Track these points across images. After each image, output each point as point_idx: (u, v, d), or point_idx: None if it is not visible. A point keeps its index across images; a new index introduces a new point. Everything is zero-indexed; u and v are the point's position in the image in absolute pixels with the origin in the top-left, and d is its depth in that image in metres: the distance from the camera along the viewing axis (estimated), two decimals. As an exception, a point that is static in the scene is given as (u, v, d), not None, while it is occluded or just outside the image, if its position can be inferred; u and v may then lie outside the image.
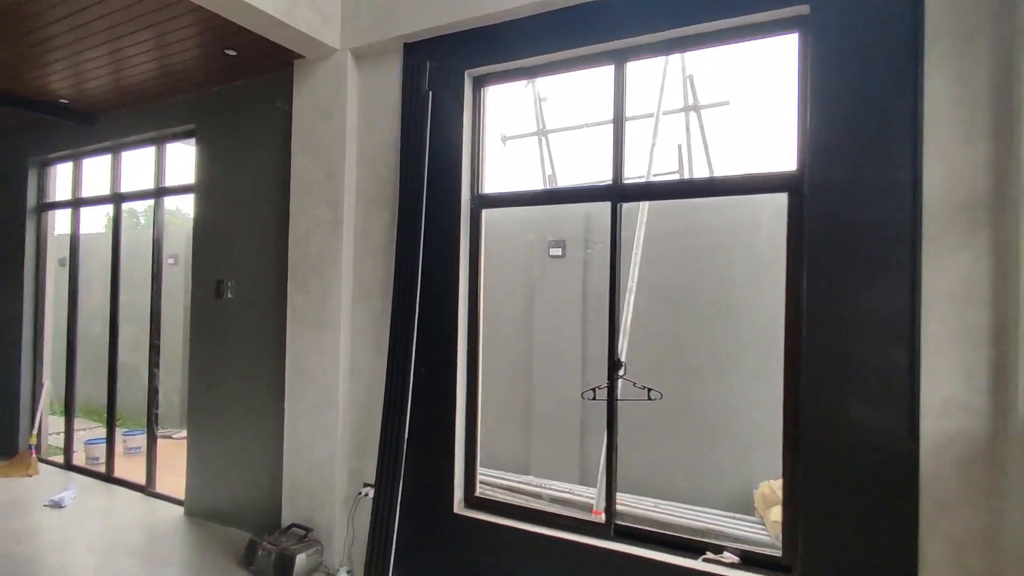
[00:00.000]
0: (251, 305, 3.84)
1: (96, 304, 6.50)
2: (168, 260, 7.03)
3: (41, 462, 5.16)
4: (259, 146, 3.82)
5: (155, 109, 4.40)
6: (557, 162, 5.65)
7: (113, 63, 3.67)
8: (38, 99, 4.39)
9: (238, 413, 3.89)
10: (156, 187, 4.46)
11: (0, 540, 3.60)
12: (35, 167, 5.34)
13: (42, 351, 5.38)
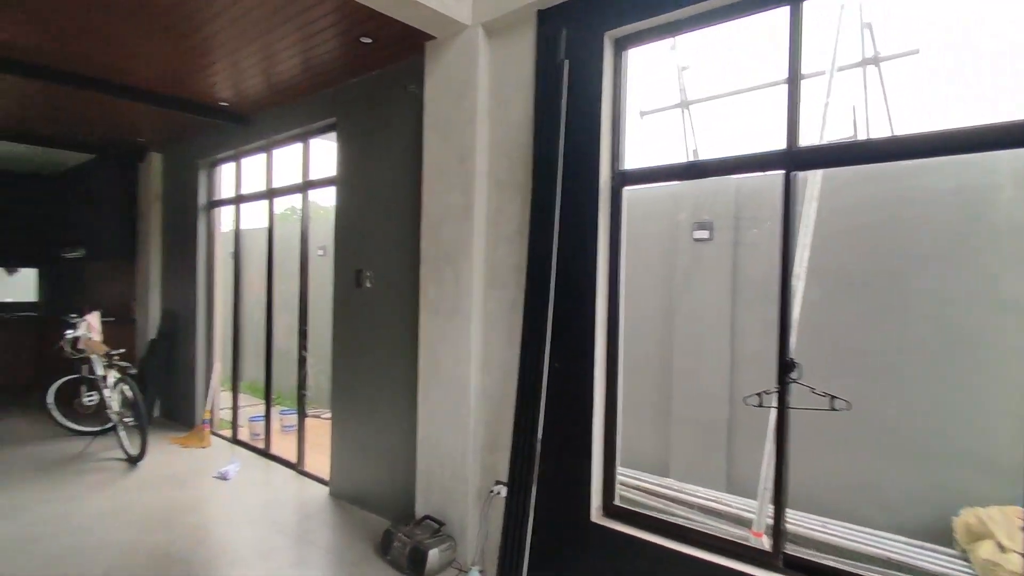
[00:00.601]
0: (388, 294, 3.87)
1: (257, 292, 7.12)
2: (318, 251, 7.50)
3: (213, 435, 5.72)
4: (394, 135, 3.82)
5: (300, 106, 4.60)
6: (700, 136, 5.12)
7: (264, 60, 3.84)
8: (202, 103, 4.78)
9: (376, 400, 3.95)
10: (302, 181, 4.68)
11: (176, 508, 3.98)
12: (204, 168, 5.90)
13: (213, 335, 5.97)
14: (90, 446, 5.23)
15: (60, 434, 5.60)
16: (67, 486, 4.29)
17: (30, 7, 3.18)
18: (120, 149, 6.43)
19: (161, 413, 6.46)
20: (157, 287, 6.57)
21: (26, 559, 3.20)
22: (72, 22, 3.36)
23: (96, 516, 3.79)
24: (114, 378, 5.07)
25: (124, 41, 3.60)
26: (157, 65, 3.98)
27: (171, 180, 6.40)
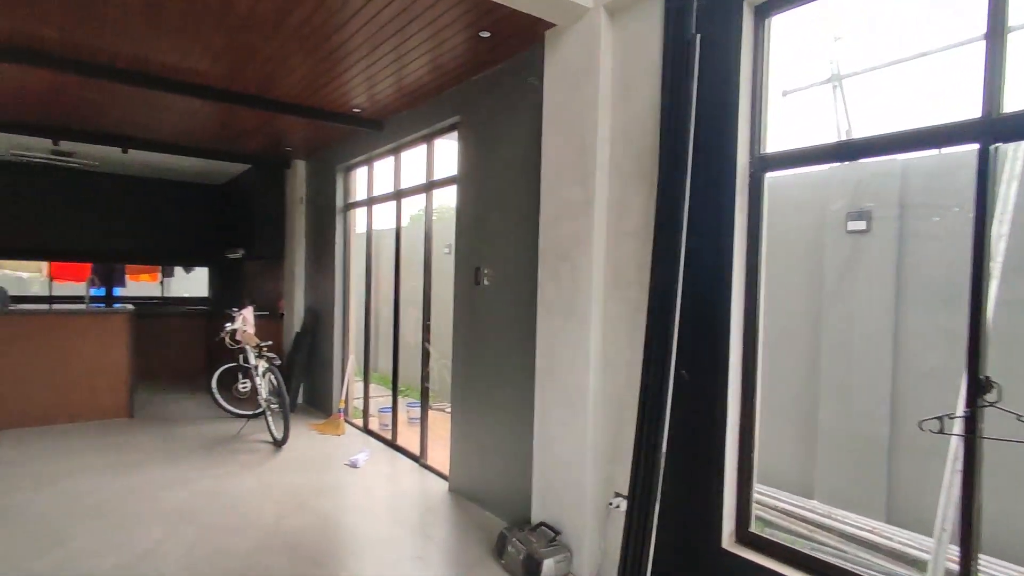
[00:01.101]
0: (505, 292, 3.81)
1: (386, 289, 7.48)
2: (444, 249, 7.74)
3: (347, 423, 6.08)
4: (513, 130, 3.75)
5: (426, 107, 4.70)
6: (854, 114, 4.49)
7: (394, 63, 3.95)
8: (338, 111, 5.07)
9: (493, 397, 3.91)
10: (426, 181, 4.78)
11: (311, 492, 4.24)
12: (341, 172, 6.29)
13: (348, 329, 6.35)
14: (244, 428, 5.79)
15: (221, 415, 6.27)
16: (224, 463, 4.76)
17: (211, 43, 3.53)
18: (271, 158, 7.07)
19: (304, 400, 7.01)
20: (301, 284, 7.15)
21: (190, 527, 3.56)
22: (235, 46, 3.67)
23: (246, 493, 4.14)
24: (263, 367, 5.56)
25: (271, 57, 3.88)
26: (299, 78, 4.26)
27: (313, 185, 6.92)
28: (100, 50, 3.83)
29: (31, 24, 3.47)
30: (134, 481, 4.30)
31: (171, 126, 5.71)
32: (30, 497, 3.95)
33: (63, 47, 3.80)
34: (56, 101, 4.93)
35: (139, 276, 9.29)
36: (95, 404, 5.97)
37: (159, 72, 4.21)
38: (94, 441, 5.29)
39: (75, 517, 3.67)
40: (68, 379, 5.80)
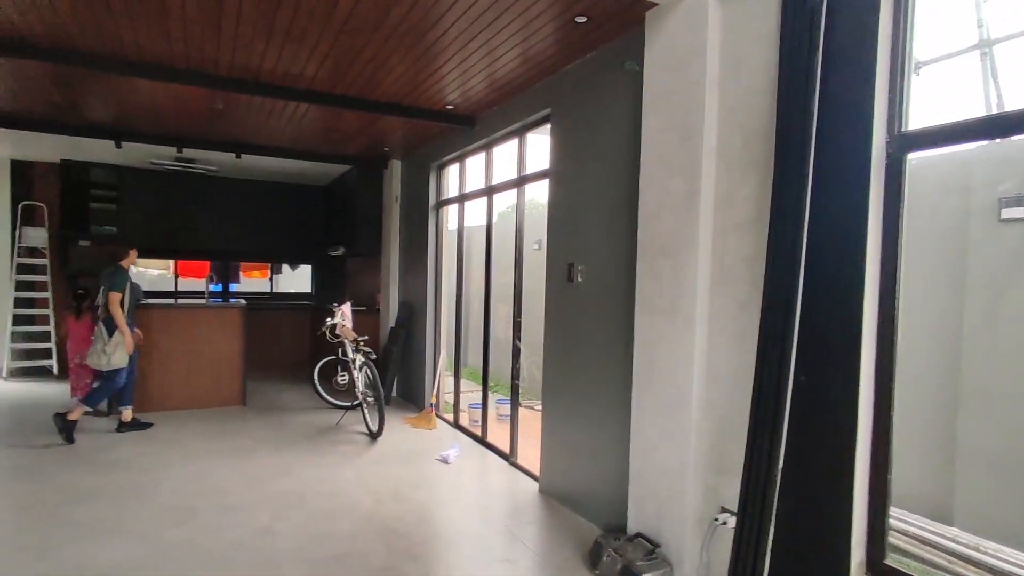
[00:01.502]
0: (600, 289, 3.66)
1: (477, 285, 7.54)
2: (533, 245, 7.69)
3: (438, 418, 6.17)
4: (609, 119, 3.59)
5: (518, 102, 4.64)
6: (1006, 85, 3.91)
7: (486, 57, 3.92)
8: (433, 109, 5.12)
9: (587, 397, 3.78)
10: (517, 176, 4.72)
11: (405, 484, 4.31)
12: (434, 170, 6.39)
13: (439, 324, 6.45)
14: (342, 419, 6.03)
15: (322, 406, 6.58)
16: (325, 454, 4.97)
17: (316, 48, 3.67)
18: (370, 159, 7.33)
19: (398, 393, 7.22)
20: (396, 280, 7.36)
21: (299, 513, 3.73)
22: (338, 49, 3.79)
23: (345, 482, 4.28)
24: (360, 361, 5.75)
25: (372, 58, 3.97)
26: (397, 77, 4.33)
27: (407, 183, 7.09)
28: (217, 62, 4.09)
29: (160, 42, 3.75)
30: (248, 466, 4.57)
31: (280, 131, 6.05)
32: (164, 475, 4.31)
33: (187, 61, 4.09)
34: (181, 112, 5.36)
35: (251, 273, 10.00)
36: (214, 392, 6.46)
37: (269, 80, 4.44)
38: (213, 427, 5.72)
39: (200, 496, 3.95)
40: (193, 368, 6.31)
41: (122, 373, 5.30)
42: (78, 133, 6.07)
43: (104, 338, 5.18)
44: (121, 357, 5.20)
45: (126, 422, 5.46)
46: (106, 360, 5.13)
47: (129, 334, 5.26)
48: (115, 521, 3.52)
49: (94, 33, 3.64)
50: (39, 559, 3.05)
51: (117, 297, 5.19)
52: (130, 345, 5.26)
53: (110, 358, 5.14)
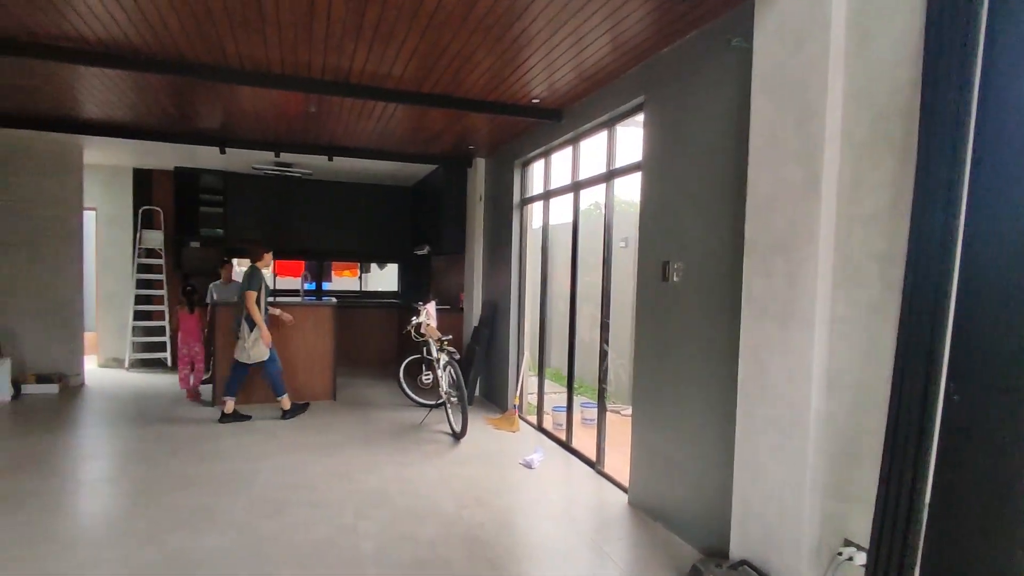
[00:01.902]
0: (699, 289, 3.38)
1: (561, 284, 7.36)
2: (619, 243, 7.40)
3: (521, 420, 6.05)
4: (711, 104, 3.30)
5: (607, 90, 4.42)
6: None
7: (574, 46, 3.74)
8: (519, 104, 5.00)
9: (683, 404, 3.50)
10: (606, 170, 4.50)
11: (488, 488, 4.21)
12: (519, 167, 6.27)
13: (523, 324, 6.33)
14: (426, 418, 6.05)
15: (406, 403, 6.66)
16: (409, 452, 4.98)
17: (403, 46, 3.66)
18: (456, 158, 7.35)
19: (481, 393, 7.17)
20: (480, 279, 7.32)
21: (382, 512, 3.72)
22: (424, 46, 3.76)
23: (428, 483, 4.25)
24: (444, 360, 5.74)
25: (458, 53, 3.90)
26: (483, 72, 4.25)
27: (492, 182, 7.04)
28: (310, 65, 4.17)
29: (258, 48, 3.87)
30: (336, 461, 4.66)
31: (369, 133, 6.17)
32: (259, 467, 4.48)
33: (283, 65, 4.21)
34: (279, 116, 5.58)
35: (342, 272, 10.38)
36: (307, 387, 6.70)
37: (359, 80, 4.49)
38: (305, 420, 5.92)
39: (291, 489, 4.05)
40: (288, 364, 6.57)
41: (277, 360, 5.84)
42: (188, 141, 6.49)
43: (245, 334, 5.65)
44: (260, 351, 5.67)
45: (228, 413, 5.76)
46: (246, 354, 5.65)
47: (266, 329, 5.68)
48: (213, 510, 3.67)
49: (199, 44, 3.81)
50: (145, 544, 3.21)
51: (253, 296, 5.60)
52: (267, 339, 5.68)
53: (250, 352, 5.65)
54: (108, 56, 4.02)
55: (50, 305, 7.17)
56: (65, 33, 3.70)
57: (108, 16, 3.43)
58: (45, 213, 7.12)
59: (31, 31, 3.68)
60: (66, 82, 4.71)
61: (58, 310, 7.21)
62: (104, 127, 6.13)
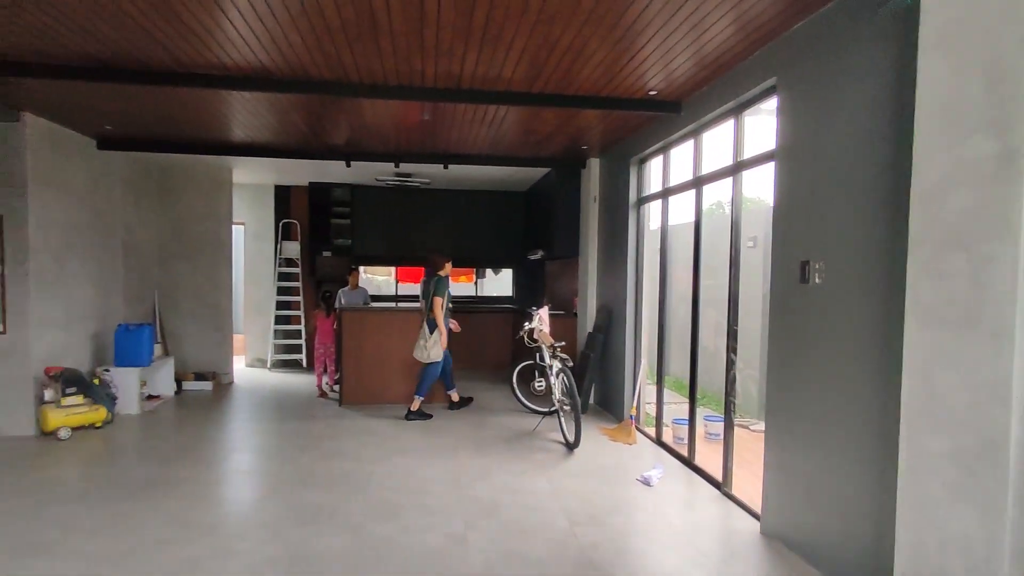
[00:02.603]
0: (845, 292, 2.92)
1: (681, 288, 6.92)
2: (747, 243, 6.82)
3: (638, 431, 5.72)
4: (857, 79, 2.84)
5: (731, 77, 4.02)
6: None
7: (693, 30, 3.44)
8: (634, 97, 4.73)
9: (827, 427, 3.04)
10: (733, 163, 4.09)
11: (602, 505, 3.97)
12: (634, 165, 5.97)
13: (640, 330, 5.99)
14: (539, 425, 5.92)
15: (519, 409, 6.58)
16: (521, 460, 4.87)
17: (512, 45, 3.60)
18: (568, 160, 7.20)
19: (595, 401, 6.92)
20: (594, 283, 7.08)
21: (492, 523, 3.64)
22: (534, 44, 3.65)
23: (540, 495, 4.11)
24: (557, 367, 5.58)
25: (568, 47, 3.75)
26: (595, 66, 4.05)
27: (606, 182, 6.78)
28: (423, 73, 4.23)
29: (374, 60, 3.99)
30: (448, 466, 4.67)
31: (481, 138, 6.20)
32: (377, 468, 4.60)
33: (398, 75, 4.31)
34: (398, 127, 5.77)
35: (459, 277, 10.60)
36: (424, 388, 6.87)
37: (470, 85, 4.48)
38: (421, 423, 6.04)
39: (405, 492, 4.10)
40: (409, 367, 6.78)
41: (437, 365, 6.22)
42: (319, 157, 6.95)
43: (426, 336, 6.09)
44: (437, 352, 6.12)
45: (413, 411, 6.18)
46: (426, 354, 6.10)
47: (446, 334, 6.13)
48: (332, 509, 3.79)
49: (321, 60, 4.00)
50: (269, 541, 3.37)
51: (440, 302, 6.07)
52: (445, 343, 6.14)
53: (429, 352, 6.09)
54: (246, 80, 4.35)
55: (206, 310, 8.03)
56: (208, 62, 4.05)
57: (242, 41, 3.69)
58: (201, 228, 8.00)
59: (181, 62, 4.07)
60: (213, 107, 5.19)
61: (212, 314, 8.05)
62: (249, 148, 6.73)
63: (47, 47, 3.80)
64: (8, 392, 5.35)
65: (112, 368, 6.19)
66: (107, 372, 6.07)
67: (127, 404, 6.21)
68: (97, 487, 4.13)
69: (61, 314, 5.77)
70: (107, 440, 5.35)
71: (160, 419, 6.15)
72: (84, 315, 6.18)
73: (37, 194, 5.40)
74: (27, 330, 5.34)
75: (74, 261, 5.98)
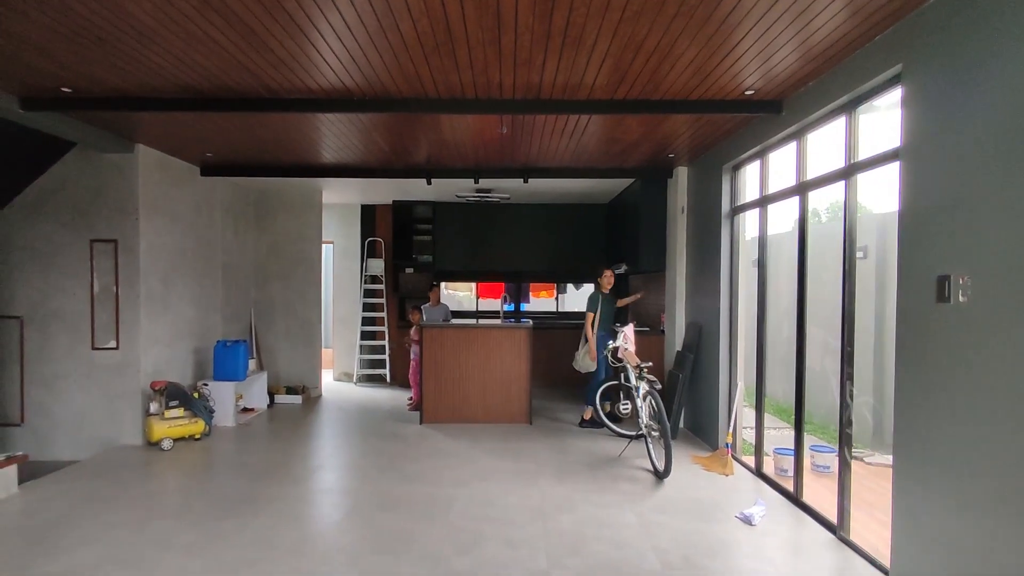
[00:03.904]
0: (1001, 313, 2.43)
1: (783, 305, 6.35)
2: (857, 254, 6.19)
3: (735, 460, 5.24)
4: (1014, 56, 2.38)
5: (845, 68, 3.59)
6: None
7: (797, 18, 3.08)
8: (728, 99, 4.37)
9: (975, 476, 2.55)
10: (846, 164, 3.64)
11: (697, 546, 3.60)
12: (727, 173, 5.55)
13: (736, 349, 5.52)
14: (625, 450, 5.57)
15: (603, 431, 6.26)
16: (606, 490, 4.56)
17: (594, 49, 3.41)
18: (653, 169, 6.86)
19: (686, 425, 6.46)
20: (682, 298, 6.66)
21: (577, 561, 3.38)
22: (616, 47, 3.44)
23: (627, 530, 3.80)
24: (644, 390, 5.23)
25: (655, 48, 3.50)
26: (684, 66, 3.77)
27: (695, 191, 6.38)
28: (501, 84, 4.11)
29: (451, 73, 3.91)
30: (529, 494, 4.45)
31: (562, 151, 6.02)
32: (457, 493, 4.46)
33: (475, 88, 4.21)
34: (476, 142, 5.70)
35: (539, 293, 10.43)
36: (504, 408, 6.71)
37: (550, 95, 4.31)
38: (502, 444, 5.87)
39: (486, 521, 3.92)
40: (488, 385, 6.68)
41: (598, 374, 6.37)
42: (401, 176, 7.03)
43: (580, 347, 6.45)
44: (587, 363, 6.35)
45: (585, 419, 6.54)
46: (579, 364, 6.43)
47: (593, 346, 6.28)
48: (410, 536, 3.67)
49: (399, 77, 3.98)
50: (348, 566, 3.29)
51: (590, 317, 6.38)
52: (593, 353, 6.27)
53: (580, 363, 6.41)
54: (329, 102, 4.42)
55: (297, 326, 8.34)
56: (294, 86, 4.14)
57: (326, 65, 3.73)
58: (294, 248, 8.35)
59: (270, 88, 4.19)
60: (302, 131, 5.35)
61: (303, 330, 8.35)
62: (336, 169, 6.93)
63: (153, 80, 4.03)
64: (121, 404, 5.74)
65: (211, 382, 6.51)
66: (206, 386, 6.39)
67: (224, 417, 6.51)
68: (193, 503, 4.27)
69: (166, 332, 6.14)
70: (205, 452, 5.59)
71: (253, 432, 6.38)
72: (187, 332, 6.56)
73: (148, 220, 5.80)
74: (137, 347, 5.71)
75: (178, 283, 6.37)
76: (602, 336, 6.40)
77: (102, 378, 5.71)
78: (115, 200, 5.67)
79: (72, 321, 5.68)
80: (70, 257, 5.66)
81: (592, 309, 6.43)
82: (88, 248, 5.66)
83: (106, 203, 5.67)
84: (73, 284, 5.67)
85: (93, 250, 5.66)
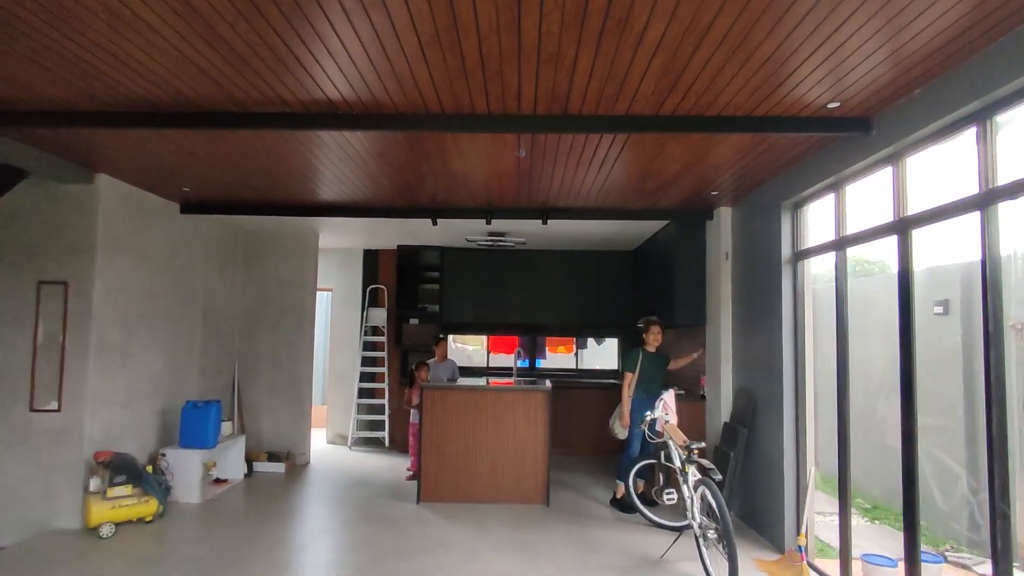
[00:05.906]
0: None
1: (873, 370, 5.35)
2: (935, 309, 5.22)
3: (810, 568, 4.12)
4: None
5: (963, 71, 2.74)
6: None
7: (910, 6, 2.26)
8: (792, 117, 3.53)
9: None
10: (981, 190, 2.73)
11: None
12: (788, 211, 4.66)
13: (804, 422, 4.48)
14: (670, 550, 4.46)
15: (636, 520, 5.17)
16: (652, 612, 3.48)
17: (653, 34, 2.62)
18: (691, 210, 6.01)
19: (738, 514, 5.32)
20: (728, 359, 5.66)
21: None
22: (676, 28, 2.64)
23: None
24: (694, 476, 4.18)
25: (723, 40, 2.68)
26: (754, 71, 2.95)
27: (743, 234, 5.48)
28: (520, 93, 3.31)
29: (455, 77, 3.12)
30: (550, 617, 3.39)
31: (587, 187, 5.21)
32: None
33: (487, 98, 3.41)
34: (489, 173, 4.89)
35: (557, 348, 9.45)
36: (517, 486, 5.66)
37: (578, 108, 3.50)
38: (511, 535, 4.79)
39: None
40: (498, 458, 5.67)
41: (633, 445, 5.50)
42: (405, 215, 6.22)
43: (618, 411, 5.65)
44: (618, 429, 5.60)
45: (616, 498, 5.60)
46: (615, 431, 5.67)
47: (627, 412, 5.49)
48: None
49: (391, 81, 3.20)
50: None
51: (628, 377, 5.60)
52: (626, 420, 5.49)
53: (613, 428, 5.67)
54: (308, 117, 3.65)
55: (285, 383, 7.40)
56: (266, 97, 3.36)
57: (327, 76, 2.96)
58: (285, 294, 7.50)
59: (237, 100, 3.42)
60: (284, 160, 4.57)
61: (291, 388, 7.40)
62: (332, 208, 6.16)
63: (93, 88, 3.28)
64: (58, 478, 4.78)
65: (175, 450, 5.55)
66: (164, 457, 5.42)
67: (187, 491, 5.52)
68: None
69: (122, 390, 5.24)
70: (153, 539, 4.58)
71: (219, 511, 5.36)
72: (151, 390, 5.66)
73: (106, 259, 5.00)
74: (82, 408, 4.80)
75: (143, 331, 5.51)
76: (637, 400, 5.50)
77: (39, 446, 4.78)
78: (70, 237, 4.89)
79: (9, 376, 4.80)
80: (12, 302, 4.84)
81: (630, 369, 5.61)
82: (35, 291, 4.85)
83: (59, 240, 4.89)
84: (12, 333, 4.81)
85: (40, 293, 4.84)
